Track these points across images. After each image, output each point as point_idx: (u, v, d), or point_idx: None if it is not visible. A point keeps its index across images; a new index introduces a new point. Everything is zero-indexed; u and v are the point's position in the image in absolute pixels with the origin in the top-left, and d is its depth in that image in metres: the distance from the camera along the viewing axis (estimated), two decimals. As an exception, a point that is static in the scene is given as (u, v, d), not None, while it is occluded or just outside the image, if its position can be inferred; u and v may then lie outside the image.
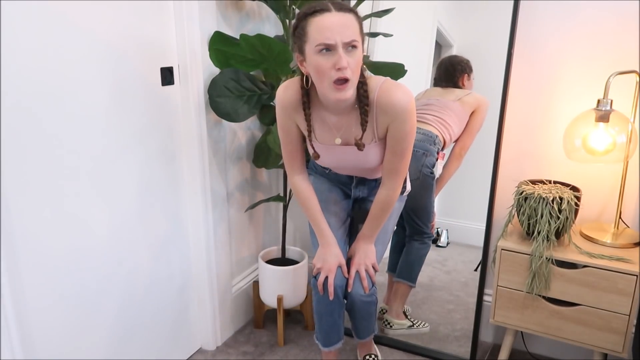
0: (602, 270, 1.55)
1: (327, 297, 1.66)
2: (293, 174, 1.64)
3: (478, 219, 1.91)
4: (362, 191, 1.71)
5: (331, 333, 1.74)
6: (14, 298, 1.35)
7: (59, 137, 1.41)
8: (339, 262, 1.60)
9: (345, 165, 1.57)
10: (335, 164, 1.59)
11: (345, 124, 1.47)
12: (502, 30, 1.75)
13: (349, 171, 1.65)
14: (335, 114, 1.46)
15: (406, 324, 2.11)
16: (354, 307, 1.66)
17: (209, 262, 1.99)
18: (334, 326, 1.73)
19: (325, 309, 1.69)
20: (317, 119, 1.49)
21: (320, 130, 1.50)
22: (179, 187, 1.86)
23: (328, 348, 1.77)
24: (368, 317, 1.73)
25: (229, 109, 1.83)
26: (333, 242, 1.62)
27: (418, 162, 1.91)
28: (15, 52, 1.27)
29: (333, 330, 1.74)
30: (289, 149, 1.59)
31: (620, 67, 1.66)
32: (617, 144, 1.57)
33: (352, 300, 1.64)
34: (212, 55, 1.81)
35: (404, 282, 2.07)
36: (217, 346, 2.11)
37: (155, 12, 1.66)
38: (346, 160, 1.54)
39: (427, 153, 1.91)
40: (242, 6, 1.98)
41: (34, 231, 1.38)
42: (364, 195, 1.72)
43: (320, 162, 1.59)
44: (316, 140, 1.53)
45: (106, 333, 1.65)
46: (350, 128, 1.46)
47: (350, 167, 1.59)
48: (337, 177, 1.70)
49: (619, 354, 1.59)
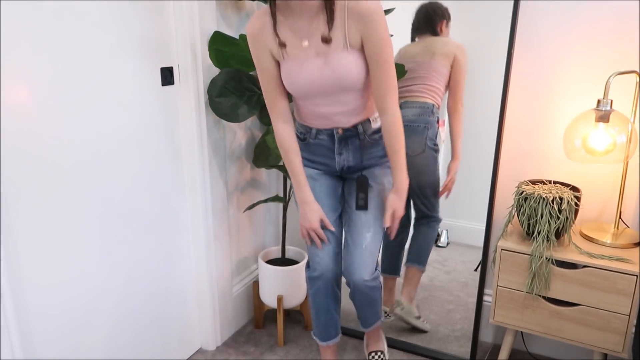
0: (602, 270, 1.55)
1: (322, 292, 1.67)
2: (277, 120, 1.58)
3: (478, 219, 1.91)
4: (347, 158, 1.62)
5: (328, 327, 1.74)
6: (14, 298, 1.35)
7: (59, 138, 1.41)
8: (320, 216, 1.61)
9: (318, 87, 1.47)
10: (308, 87, 1.48)
11: (314, 29, 1.42)
12: (502, 30, 1.75)
13: (326, 107, 1.53)
14: (303, 18, 1.41)
15: (415, 313, 2.11)
16: (357, 293, 1.64)
17: (209, 262, 1.99)
18: (331, 320, 1.73)
19: (321, 303, 1.69)
20: (287, 31, 1.44)
21: (291, 43, 1.45)
22: (179, 187, 1.86)
23: (326, 342, 1.77)
24: (373, 303, 1.71)
25: (228, 109, 1.83)
26: (310, 199, 1.61)
27: (421, 136, 1.89)
28: (15, 52, 1.27)
29: (329, 324, 1.74)
30: (270, 89, 1.54)
31: (620, 67, 1.66)
32: (617, 144, 1.57)
33: (355, 287, 1.61)
34: (212, 55, 1.81)
35: (414, 266, 2.08)
36: (217, 346, 2.11)
37: (155, 12, 1.66)
38: (319, 79, 1.45)
39: (428, 125, 1.89)
40: (242, 6, 1.98)
41: (34, 231, 1.38)
42: (349, 164, 1.64)
43: (293, 89, 1.50)
44: (289, 57, 1.47)
45: (106, 333, 1.65)
46: (319, 31, 1.42)
47: (323, 91, 1.49)
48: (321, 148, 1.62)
49: (619, 354, 1.59)
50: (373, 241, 1.63)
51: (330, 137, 1.60)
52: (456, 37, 1.92)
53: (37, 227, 1.39)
